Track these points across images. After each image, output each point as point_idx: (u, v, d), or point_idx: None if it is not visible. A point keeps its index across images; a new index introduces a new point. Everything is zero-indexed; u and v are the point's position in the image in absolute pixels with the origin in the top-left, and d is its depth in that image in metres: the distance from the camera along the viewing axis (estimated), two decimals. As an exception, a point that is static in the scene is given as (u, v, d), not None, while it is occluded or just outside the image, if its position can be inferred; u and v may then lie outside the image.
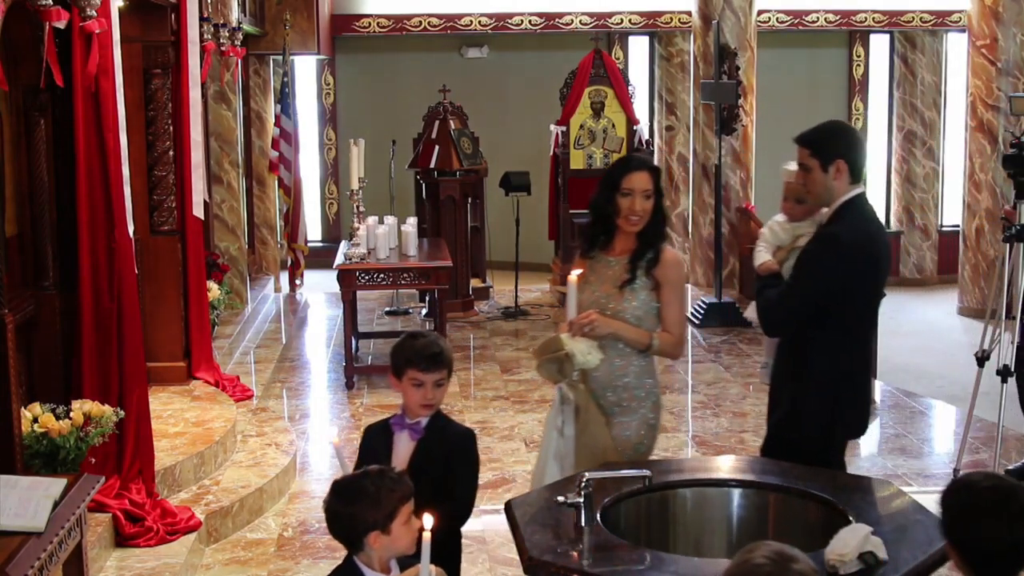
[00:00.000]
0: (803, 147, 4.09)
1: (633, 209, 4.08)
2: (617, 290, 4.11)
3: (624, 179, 4.08)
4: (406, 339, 3.65)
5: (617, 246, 4.18)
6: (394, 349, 3.65)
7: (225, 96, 10.52)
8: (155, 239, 7.14)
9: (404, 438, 3.63)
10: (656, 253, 4.13)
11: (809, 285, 4.01)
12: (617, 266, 4.14)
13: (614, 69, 12.28)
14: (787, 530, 3.53)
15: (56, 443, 4.83)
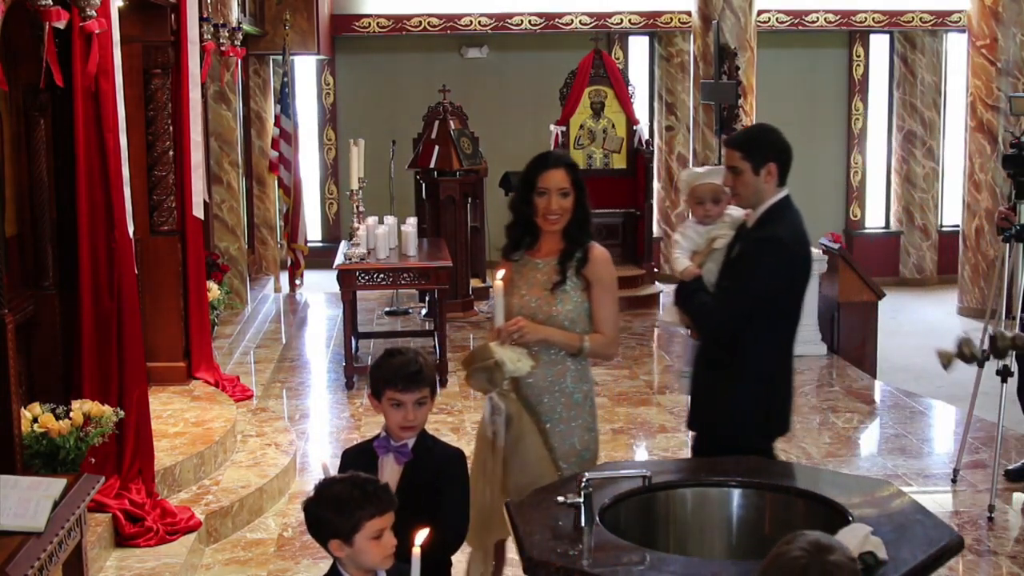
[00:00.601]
0: (735, 150, 4.09)
1: (550, 208, 4.00)
2: (548, 293, 4.04)
3: (540, 178, 4.01)
4: (383, 357, 3.46)
5: (543, 247, 4.10)
6: (371, 369, 3.50)
7: (225, 96, 10.52)
8: (155, 239, 7.14)
9: (390, 462, 3.44)
10: (584, 252, 4.06)
11: (754, 286, 4.04)
12: (546, 268, 4.07)
13: (614, 69, 12.28)
14: (787, 530, 3.52)
15: (56, 443, 4.83)
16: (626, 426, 7.61)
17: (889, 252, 14.53)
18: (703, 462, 4.14)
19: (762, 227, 4.09)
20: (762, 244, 4.06)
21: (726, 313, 4.08)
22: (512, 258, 4.13)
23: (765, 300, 4.07)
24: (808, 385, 8.63)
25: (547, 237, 4.07)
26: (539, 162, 4.07)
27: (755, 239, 4.07)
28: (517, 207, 4.10)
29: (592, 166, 12.18)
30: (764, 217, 4.11)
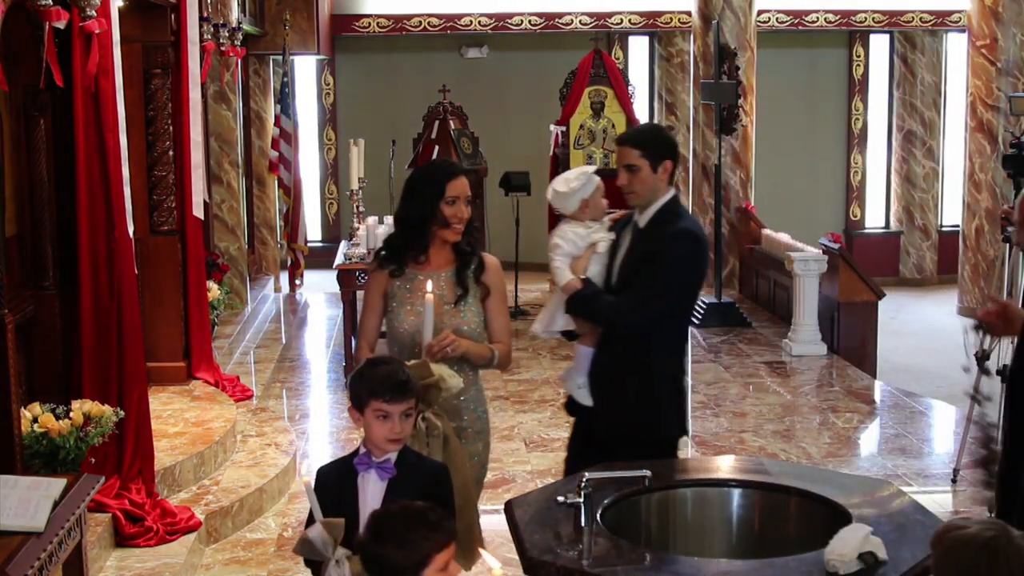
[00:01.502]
0: (633, 148, 4.09)
1: (460, 216, 3.86)
2: (452, 307, 3.87)
3: (449, 185, 3.84)
4: (366, 367, 3.29)
5: (433, 260, 3.91)
6: (353, 379, 3.28)
7: (225, 96, 10.53)
8: (155, 239, 7.14)
9: (372, 479, 3.21)
10: (480, 260, 3.93)
11: (675, 282, 4.06)
12: (441, 281, 3.89)
13: (614, 69, 12.28)
14: (787, 530, 3.54)
15: (56, 443, 4.83)
16: (626, 426, 7.60)
17: (889, 252, 14.54)
18: (703, 462, 4.14)
19: (663, 224, 4.09)
20: (677, 240, 4.05)
21: (649, 311, 4.05)
22: (395, 272, 3.90)
23: (681, 296, 4.13)
24: (808, 385, 8.63)
25: (437, 249, 3.90)
26: (447, 169, 3.95)
27: (669, 235, 4.05)
28: (420, 217, 3.87)
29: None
30: (660, 215, 4.11)
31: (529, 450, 7.01)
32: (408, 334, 3.84)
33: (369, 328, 3.97)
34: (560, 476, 5.70)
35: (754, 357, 9.40)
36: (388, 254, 3.94)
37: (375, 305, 3.95)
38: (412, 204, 3.90)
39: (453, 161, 4.07)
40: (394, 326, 3.91)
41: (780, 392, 8.40)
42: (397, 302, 3.89)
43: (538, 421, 7.68)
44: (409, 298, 3.87)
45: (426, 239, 3.88)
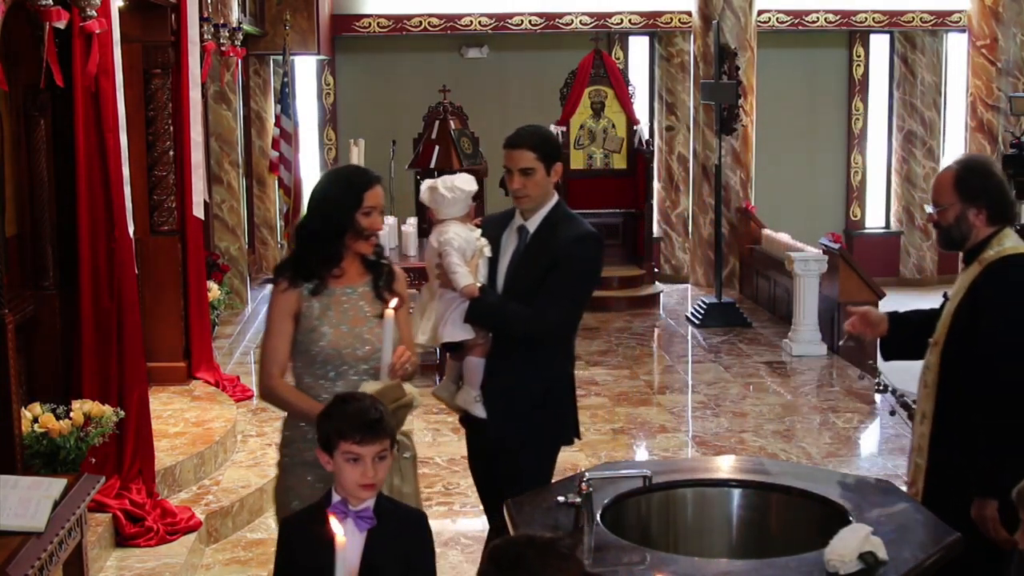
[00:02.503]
0: (529, 150, 3.99)
1: (376, 227, 3.62)
2: (376, 322, 3.58)
3: (367, 195, 3.58)
4: (335, 405, 2.99)
5: (347, 273, 3.64)
6: (320, 418, 2.99)
7: (225, 96, 10.53)
8: (155, 239, 7.14)
9: (349, 529, 2.86)
10: (390, 269, 3.74)
11: (583, 286, 4.04)
12: (357, 295, 3.64)
13: (614, 69, 12.28)
14: (787, 530, 3.54)
15: (56, 443, 4.83)
16: (626, 426, 7.60)
17: (889, 252, 14.54)
18: (703, 462, 4.14)
19: (558, 227, 4.01)
20: (582, 243, 3.99)
21: (563, 316, 4.00)
22: (308, 289, 3.59)
23: (587, 299, 4.11)
24: (808, 385, 8.63)
25: (349, 261, 3.63)
26: (364, 177, 3.65)
27: (572, 239, 3.97)
28: (335, 228, 3.58)
29: (592, 166, 12.18)
30: (552, 218, 4.04)
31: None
32: (335, 353, 3.54)
33: (280, 352, 3.59)
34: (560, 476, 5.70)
35: (754, 357, 9.40)
36: (298, 270, 3.60)
37: (284, 328, 3.58)
38: (324, 216, 3.60)
39: (368, 169, 3.74)
40: (312, 348, 3.56)
41: (780, 392, 8.40)
42: (318, 320, 3.56)
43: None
44: (332, 316, 3.57)
45: (340, 251, 3.59)
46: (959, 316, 3.69)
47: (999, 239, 3.68)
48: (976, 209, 3.68)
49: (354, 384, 3.47)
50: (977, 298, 3.65)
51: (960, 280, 3.77)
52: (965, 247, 3.76)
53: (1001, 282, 3.62)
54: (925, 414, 3.78)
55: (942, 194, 3.73)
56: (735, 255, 12.14)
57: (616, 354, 9.52)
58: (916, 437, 3.85)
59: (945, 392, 3.71)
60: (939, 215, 3.74)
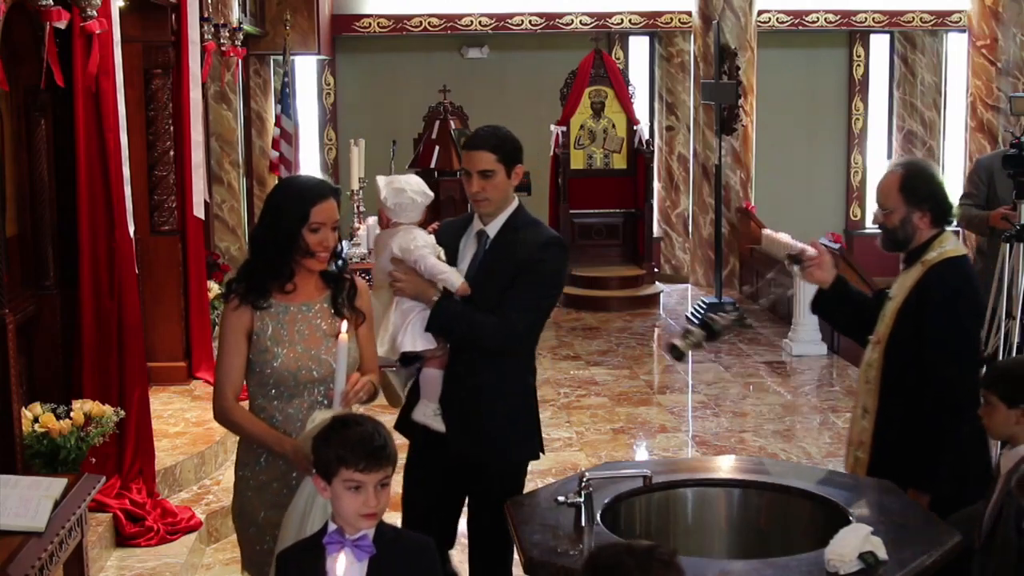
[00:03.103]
0: (490, 152, 3.85)
1: (325, 245, 3.36)
2: (333, 342, 3.34)
3: (315, 210, 3.32)
4: (334, 429, 2.79)
5: (301, 289, 3.40)
6: (318, 443, 2.81)
7: (225, 96, 10.53)
8: (155, 239, 7.14)
9: (347, 560, 2.73)
10: (352, 284, 3.49)
11: (551, 293, 3.89)
12: (314, 312, 3.41)
13: (614, 69, 12.29)
14: (787, 530, 3.54)
15: (56, 443, 4.83)
16: (626, 426, 7.61)
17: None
18: (703, 462, 4.14)
19: (521, 232, 3.85)
20: (549, 248, 3.83)
21: (532, 324, 3.85)
22: (261, 306, 3.37)
23: (553, 305, 3.96)
24: (808, 385, 8.64)
25: (304, 276, 3.40)
26: (314, 191, 3.39)
27: (540, 244, 3.83)
28: (276, 242, 3.35)
29: (592, 166, 12.18)
30: (514, 223, 3.89)
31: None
32: (289, 375, 3.33)
33: (234, 372, 3.37)
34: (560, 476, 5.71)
35: (754, 357, 9.40)
36: (250, 286, 3.39)
37: (238, 347, 3.37)
38: (271, 228, 3.37)
39: (322, 181, 3.50)
40: (265, 368, 3.35)
41: (780, 392, 8.40)
42: (271, 340, 3.34)
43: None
44: (286, 335, 3.35)
45: (290, 267, 3.37)
46: (904, 316, 3.83)
47: (940, 241, 3.87)
48: (920, 212, 3.86)
49: (309, 409, 3.30)
50: (922, 299, 3.79)
51: (901, 280, 3.93)
52: (907, 248, 3.93)
53: (945, 284, 3.78)
54: (867, 409, 3.94)
55: (888, 197, 3.88)
56: (735, 255, 12.14)
57: (616, 354, 9.53)
58: (856, 432, 4.00)
59: (888, 390, 3.86)
60: (885, 217, 3.90)
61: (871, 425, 3.91)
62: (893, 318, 3.85)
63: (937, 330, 3.75)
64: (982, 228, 6.77)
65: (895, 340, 3.84)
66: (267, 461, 3.37)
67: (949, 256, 3.84)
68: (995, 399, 3.48)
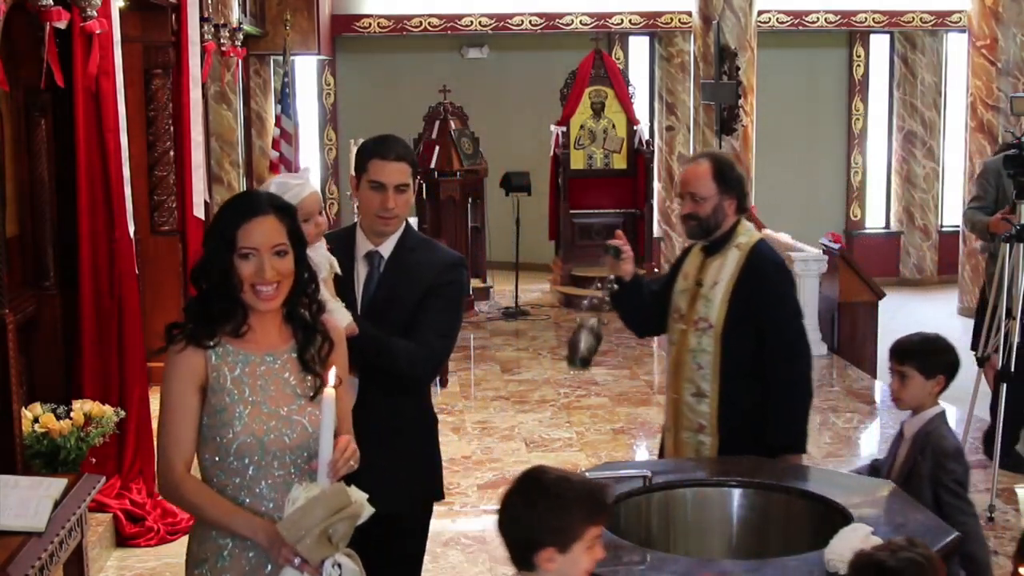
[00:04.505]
0: (407, 164, 3.48)
1: (263, 277, 2.64)
2: (307, 402, 2.70)
3: (243, 231, 2.64)
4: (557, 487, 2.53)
5: (259, 333, 2.71)
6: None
7: (225, 96, 10.53)
8: (155, 239, 7.15)
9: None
10: (325, 337, 2.78)
11: (460, 314, 3.67)
12: (280, 364, 2.72)
13: (614, 69, 12.29)
14: (787, 530, 3.54)
15: (57, 443, 4.83)
16: (626, 426, 7.61)
17: (889, 252, 14.53)
18: (703, 462, 4.14)
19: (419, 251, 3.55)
20: (456, 268, 3.58)
21: (448, 348, 3.61)
22: (213, 348, 2.68)
23: None
24: (808, 385, 8.62)
25: (261, 318, 2.71)
26: (244, 206, 2.70)
27: (446, 264, 3.55)
28: (209, 275, 2.69)
29: (592, 166, 12.19)
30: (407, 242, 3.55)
31: (529, 450, 7.02)
32: (255, 442, 2.63)
33: (184, 436, 2.66)
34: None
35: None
36: (201, 325, 2.68)
37: (187, 403, 2.66)
38: (204, 256, 2.71)
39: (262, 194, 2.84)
40: (223, 433, 2.65)
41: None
42: (229, 396, 2.66)
43: (538, 421, 7.68)
44: (247, 391, 2.67)
45: (240, 304, 2.68)
46: (737, 300, 3.99)
47: (743, 226, 4.09)
48: (730, 199, 4.03)
49: (282, 484, 2.63)
50: (756, 279, 4.00)
51: (716, 266, 4.06)
52: (714, 235, 4.05)
53: (771, 261, 4.07)
54: (706, 394, 4.06)
55: (701, 186, 4.02)
56: (735, 255, 12.12)
57: (616, 354, 9.53)
58: (693, 416, 4.12)
59: (727, 373, 4.01)
60: (697, 206, 4.03)
61: (715, 410, 4.06)
62: (726, 302, 3.99)
63: (781, 301, 4.07)
64: (984, 234, 6.79)
65: (731, 324, 3.99)
66: (231, 554, 2.66)
67: (758, 238, 4.08)
68: (912, 371, 3.73)
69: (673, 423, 4.19)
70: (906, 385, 3.75)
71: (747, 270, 4.01)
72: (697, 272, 4.11)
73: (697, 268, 4.11)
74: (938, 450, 3.62)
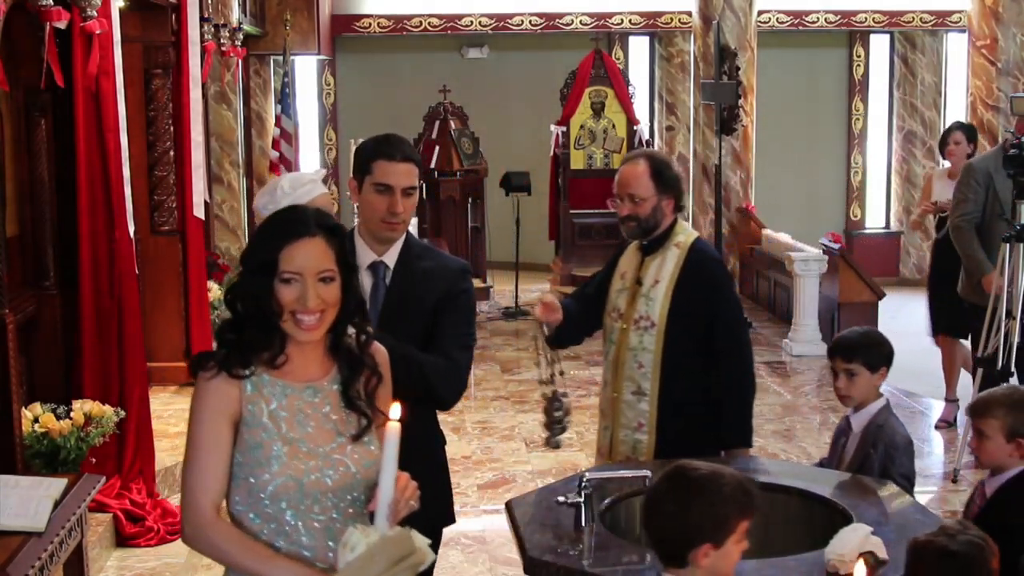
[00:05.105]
0: (416, 166, 3.34)
1: (305, 304, 2.37)
2: (342, 440, 2.44)
3: (284, 254, 2.37)
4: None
5: (296, 363, 2.45)
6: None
7: (225, 96, 10.53)
8: (155, 239, 7.15)
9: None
10: (374, 367, 2.52)
11: (474, 326, 3.46)
12: (320, 398, 2.45)
13: (614, 69, 12.29)
14: (787, 530, 3.54)
15: (57, 443, 4.84)
16: (626, 426, 7.60)
17: (889, 252, 14.53)
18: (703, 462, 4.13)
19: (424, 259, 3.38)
20: (466, 276, 3.45)
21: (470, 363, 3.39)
22: (249, 378, 2.41)
23: None
24: (808, 385, 8.63)
25: (299, 347, 2.44)
26: (283, 227, 2.42)
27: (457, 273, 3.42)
28: (246, 299, 2.43)
29: (592, 166, 12.18)
30: (411, 249, 3.40)
31: (529, 450, 7.01)
32: (295, 484, 2.37)
33: (215, 474, 2.39)
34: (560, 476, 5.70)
35: (754, 357, 9.38)
36: (235, 352, 2.42)
37: (219, 438, 2.39)
38: (242, 278, 2.45)
39: (307, 210, 2.46)
40: (258, 474, 2.38)
41: (780, 392, 8.40)
42: (266, 433, 2.39)
43: (538, 421, 7.66)
44: (284, 427, 2.40)
45: (275, 332, 2.42)
46: (679, 299, 4.00)
47: (680, 225, 4.11)
48: (667, 199, 4.03)
49: (322, 530, 2.39)
50: (699, 276, 4.01)
51: (655, 265, 4.06)
52: (652, 235, 4.06)
53: (713, 258, 4.13)
54: (646, 392, 4.05)
55: (640, 187, 4.01)
56: (735, 255, 12.13)
57: (616, 354, 9.52)
58: (632, 415, 4.08)
59: (668, 371, 4.03)
60: (636, 207, 4.02)
61: (652, 407, 4.05)
62: (668, 300, 4.01)
63: (726, 299, 4.12)
64: (972, 271, 6.53)
65: (673, 322, 4.01)
66: None
67: (695, 237, 4.11)
68: (860, 367, 3.78)
69: (612, 421, 4.17)
70: (854, 382, 3.80)
71: (688, 268, 4.03)
72: (636, 271, 4.11)
73: (635, 267, 4.12)
74: (890, 443, 3.70)
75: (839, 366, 3.83)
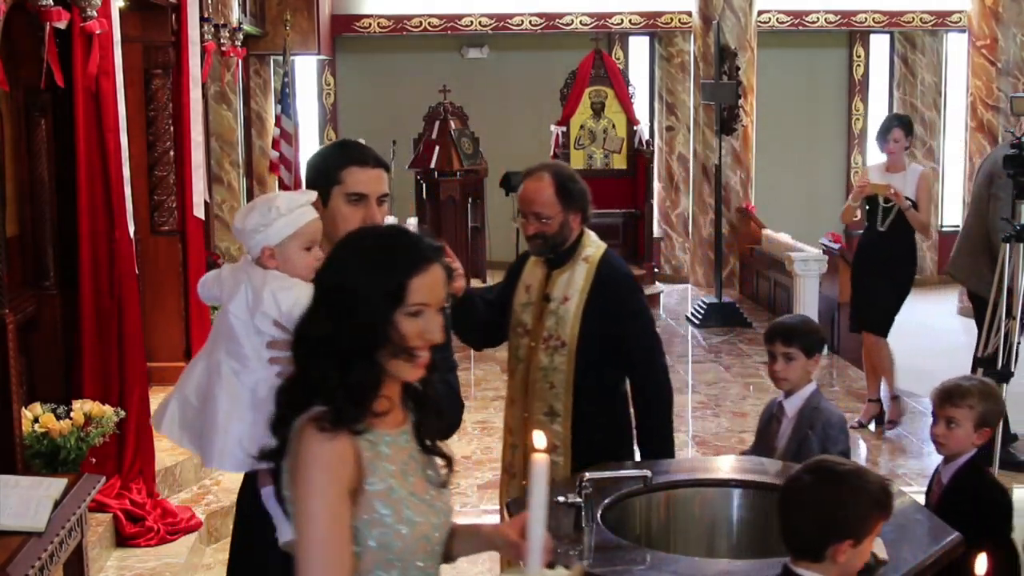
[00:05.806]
0: (386, 171, 3.15)
1: (432, 337, 2.14)
2: (438, 487, 2.25)
3: (414, 284, 2.12)
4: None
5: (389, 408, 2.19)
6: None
7: (226, 96, 10.53)
8: (155, 239, 7.15)
9: None
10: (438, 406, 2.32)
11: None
12: (410, 444, 2.23)
13: (614, 69, 12.29)
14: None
15: (57, 443, 4.83)
16: (626, 426, 7.60)
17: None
18: (703, 462, 4.14)
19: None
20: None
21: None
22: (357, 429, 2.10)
23: None
24: (808, 385, 8.62)
25: (392, 385, 2.18)
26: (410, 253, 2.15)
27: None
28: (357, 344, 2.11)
29: (592, 166, 12.18)
30: None
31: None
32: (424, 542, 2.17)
33: (343, 563, 2.04)
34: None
35: (754, 357, 9.39)
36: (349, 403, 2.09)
37: (346, 514, 2.07)
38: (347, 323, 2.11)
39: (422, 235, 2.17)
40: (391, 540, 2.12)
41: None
42: (394, 493, 2.14)
43: None
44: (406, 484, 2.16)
45: (379, 375, 2.14)
46: (590, 315, 3.88)
47: (588, 238, 3.99)
48: (574, 214, 3.91)
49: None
50: (608, 295, 3.89)
51: (563, 280, 3.93)
52: (560, 250, 3.95)
53: (623, 272, 4.00)
54: (559, 413, 3.93)
55: (547, 206, 3.87)
56: (735, 255, 12.14)
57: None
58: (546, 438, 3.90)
59: (580, 391, 3.91)
60: (544, 226, 3.89)
61: (565, 429, 3.93)
62: (579, 318, 3.89)
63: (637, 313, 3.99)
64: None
65: (585, 340, 3.89)
66: None
67: (604, 248, 4.00)
68: (797, 351, 3.87)
69: (522, 440, 3.99)
70: (791, 366, 3.89)
71: (598, 284, 3.91)
72: (542, 285, 3.98)
73: (541, 281, 3.98)
74: (827, 423, 3.82)
75: (778, 350, 3.91)
